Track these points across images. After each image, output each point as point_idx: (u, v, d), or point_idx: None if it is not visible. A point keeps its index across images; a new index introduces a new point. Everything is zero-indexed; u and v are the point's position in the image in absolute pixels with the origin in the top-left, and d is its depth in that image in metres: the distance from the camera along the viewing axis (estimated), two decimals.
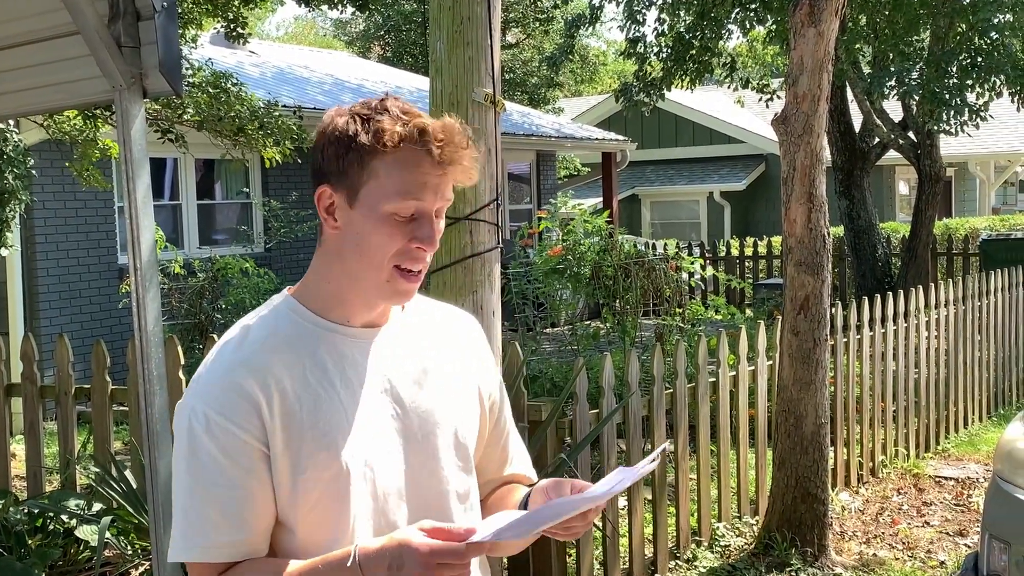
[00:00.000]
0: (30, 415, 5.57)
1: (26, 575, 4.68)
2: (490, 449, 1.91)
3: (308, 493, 1.65)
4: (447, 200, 1.70)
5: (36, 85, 4.02)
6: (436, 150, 1.65)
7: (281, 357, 1.68)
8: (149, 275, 3.66)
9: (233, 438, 1.63)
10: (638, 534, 5.07)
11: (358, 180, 1.67)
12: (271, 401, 1.64)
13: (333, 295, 1.73)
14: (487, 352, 1.93)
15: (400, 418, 1.73)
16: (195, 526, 1.64)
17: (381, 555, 1.54)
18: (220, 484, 1.63)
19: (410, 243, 1.67)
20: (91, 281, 10.34)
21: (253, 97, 7.36)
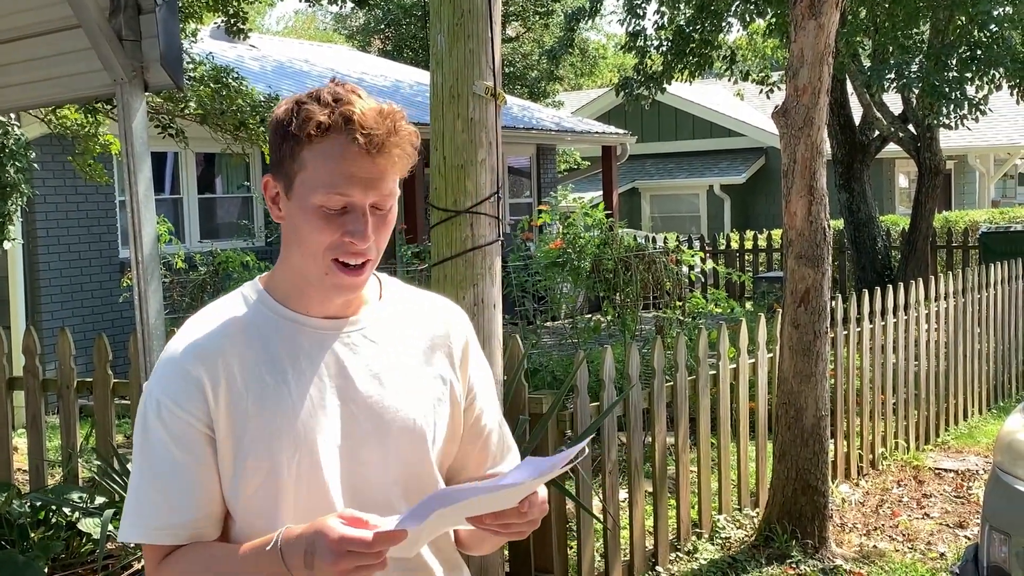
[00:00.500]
0: (32, 408, 5.57)
1: (29, 568, 4.68)
2: (468, 447, 1.83)
3: (248, 480, 1.64)
4: (386, 194, 1.64)
5: (38, 79, 4.02)
6: (362, 139, 1.59)
7: (233, 343, 1.67)
8: (151, 269, 3.66)
9: (180, 422, 1.63)
10: (639, 526, 5.07)
11: (291, 170, 1.64)
12: (217, 387, 1.64)
13: (291, 285, 1.71)
14: (469, 348, 1.84)
15: (351, 412, 1.68)
16: (142, 507, 1.65)
17: (299, 540, 1.54)
18: (166, 467, 1.64)
19: (342, 237, 1.62)
20: (93, 275, 10.34)
21: (254, 91, 7.36)
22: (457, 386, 1.80)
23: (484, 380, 1.87)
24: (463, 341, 1.83)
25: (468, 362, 1.83)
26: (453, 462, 1.83)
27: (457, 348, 1.82)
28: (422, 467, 1.73)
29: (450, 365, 1.80)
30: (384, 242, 1.68)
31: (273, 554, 1.56)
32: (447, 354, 1.80)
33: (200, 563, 1.64)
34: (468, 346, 1.84)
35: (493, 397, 1.90)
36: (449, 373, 1.79)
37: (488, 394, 1.87)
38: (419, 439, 1.72)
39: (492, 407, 1.88)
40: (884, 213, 18.23)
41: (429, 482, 1.74)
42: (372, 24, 30.19)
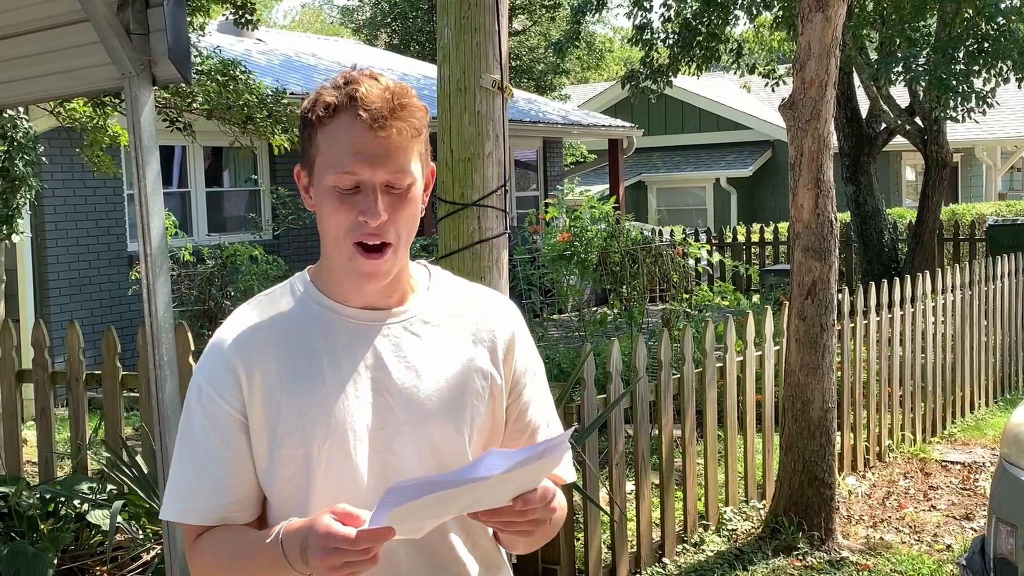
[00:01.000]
0: (41, 401, 5.58)
1: (39, 559, 4.70)
2: (512, 442, 1.79)
3: (282, 468, 1.66)
4: (397, 171, 1.63)
5: (45, 72, 4.02)
6: (365, 115, 1.60)
7: (272, 334, 1.70)
8: (159, 262, 3.66)
9: (217, 408, 1.68)
10: (646, 518, 5.07)
11: (312, 155, 1.67)
12: (252, 377, 1.66)
13: (330, 274, 1.73)
14: (515, 342, 1.81)
15: (387, 403, 1.68)
16: (178, 488, 1.71)
17: (297, 535, 1.56)
18: (203, 452, 1.68)
19: (357, 217, 1.63)
20: (101, 268, 10.36)
21: (261, 85, 7.36)
22: (499, 380, 1.77)
23: (532, 375, 1.83)
24: (508, 334, 1.80)
25: (513, 356, 1.80)
26: None
27: (501, 341, 1.79)
28: (456, 460, 1.71)
29: (492, 358, 1.77)
30: (404, 224, 1.66)
31: (274, 546, 1.58)
32: (490, 347, 1.77)
33: (223, 547, 1.68)
34: (514, 339, 1.81)
35: (543, 393, 1.85)
36: (491, 367, 1.76)
37: (536, 389, 1.83)
38: (454, 431, 1.71)
39: (540, 402, 1.84)
40: (891, 206, 18.19)
41: None
42: (379, 18, 30.18)
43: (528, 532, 1.63)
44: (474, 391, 1.74)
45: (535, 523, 1.61)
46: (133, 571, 4.84)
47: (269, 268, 10.22)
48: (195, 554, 1.71)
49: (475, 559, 1.75)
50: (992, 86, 11.88)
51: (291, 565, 1.56)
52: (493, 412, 1.76)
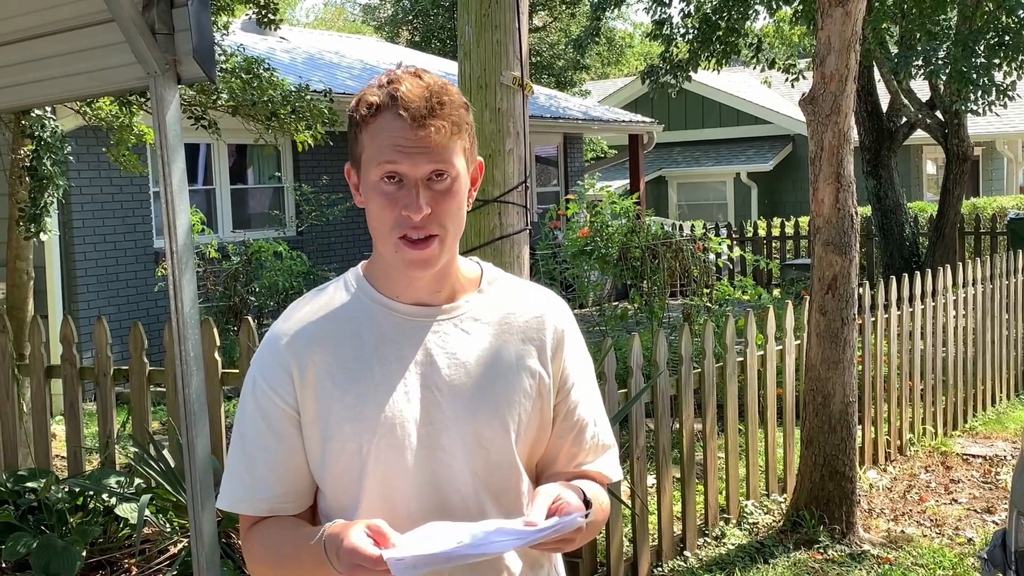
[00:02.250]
0: (70, 396, 5.62)
1: (68, 552, 4.73)
2: (559, 440, 1.79)
3: (334, 461, 1.69)
4: (439, 164, 1.65)
5: (72, 72, 4.04)
6: (405, 113, 1.62)
7: (324, 329, 1.72)
8: (185, 258, 3.68)
9: (270, 401, 1.70)
10: (667, 512, 5.07)
11: (358, 154, 1.70)
12: (304, 372, 1.69)
13: (380, 270, 1.75)
14: (564, 341, 1.81)
15: (435, 399, 1.69)
16: (231, 479, 1.74)
17: (334, 540, 1.58)
18: (255, 444, 1.72)
19: (401, 212, 1.64)
20: (128, 265, 10.42)
21: (285, 82, 7.37)
22: (547, 378, 1.77)
23: (580, 373, 1.83)
24: (558, 333, 1.80)
25: (562, 354, 1.80)
26: (544, 454, 1.80)
27: (550, 340, 1.79)
28: (504, 458, 1.72)
29: (541, 357, 1.77)
30: (449, 218, 1.67)
31: (318, 548, 1.60)
32: (539, 346, 1.77)
33: (273, 540, 1.71)
34: (563, 338, 1.81)
35: (591, 391, 1.85)
36: (539, 365, 1.76)
37: (584, 388, 1.83)
38: (501, 429, 1.71)
39: (588, 401, 1.83)
40: (911, 200, 18.08)
41: (512, 474, 1.73)
42: (400, 15, 30.20)
43: (559, 550, 1.66)
44: (522, 389, 1.74)
45: (564, 542, 1.62)
46: (160, 564, 4.87)
47: (293, 264, 10.25)
48: (248, 544, 1.75)
49: (518, 555, 1.75)
50: (1013, 79, 11.79)
51: (334, 567, 1.59)
52: (541, 410, 1.76)
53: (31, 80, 4.16)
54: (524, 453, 1.76)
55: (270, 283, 10.02)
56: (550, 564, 1.84)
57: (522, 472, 1.75)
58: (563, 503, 1.60)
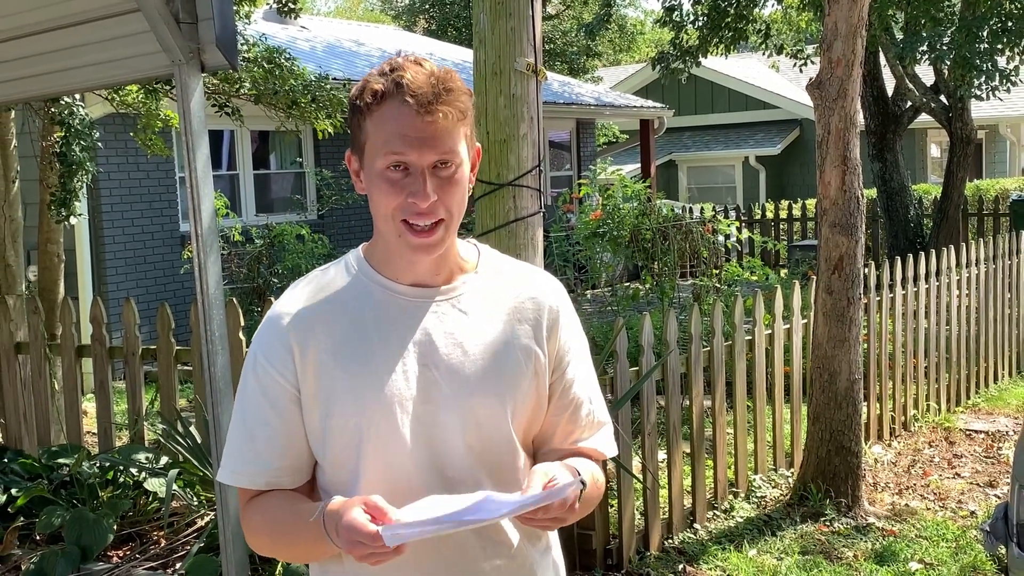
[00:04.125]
0: (100, 374, 5.65)
1: (99, 525, 4.77)
2: (555, 418, 1.79)
3: (334, 438, 1.68)
4: (445, 152, 1.63)
5: (99, 61, 4.04)
6: (412, 101, 1.60)
7: (325, 309, 1.71)
8: (210, 241, 3.68)
9: (270, 378, 1.69)
10: (677, 486, 5.07)
11: (361, 141, 1.68)
12: (305, 349, 1.68)
13: (382, 253, 1.74)
14: (559, 320, 1.79)
15: (433, 378, 1.68)
16: (231, 453, 1.74)
17: (334, 516, 1.57)
18: (254, 419, 1.71)
19: (406, 199, 1.63)
20: (155, 248, 10.46)
21: (305, 71, 7.36)
22: (543, 357, 1.76)
23: (576, 352, 1.82)
24: (553, 312, 1.79)
25: (557, 333, 1.79)
26: (539, 432, 1.80)
27: (545, 319, 1.77)
28: (500, 434, 1.72)
29: (536, 336, 1.76)
30: (454, 203, 1.66)
31: (317, 524, 1.60)
32: (534, 325, 1.76)
33: (273, 513, 1.70)
34: (558, 317, 1.79)
35: (587, 370, 1.84)
36: (534, 344, 1.75)
37: (580, 367, 1.82)
38: (498, 406, 1.71)
39: (584, 379, 1.82)
40: (916, 182, 17.98)
41: (508, 449, 1.73)
42: (417, 4, 30.12)
43: (549, 527, 1.65)
44: (518, 368, 1.73)
45: (556, 521, 1.61)
46: (188, 536, 4.91)
47: (314, 247, 10.28)
48: (247, 516, 1.74)
49: (516, 528, 1.75)
50: (1016, 64, 11.69)
51: (333, 542, 1.58)
52: (537, 388, 1.76)
53: (60, 68, 4.17)
54: (520, 430, 1.75)
55: (292, 265, 10.04)
56: (547, 538, 1.83)
57: (518, 448, 1.75)
58: (557, 482, 1.59)
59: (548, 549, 1.84)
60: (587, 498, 1.70)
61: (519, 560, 1.75)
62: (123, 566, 4.68)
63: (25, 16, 4.06)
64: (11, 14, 4.11)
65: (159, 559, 4.78)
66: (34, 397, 5.89)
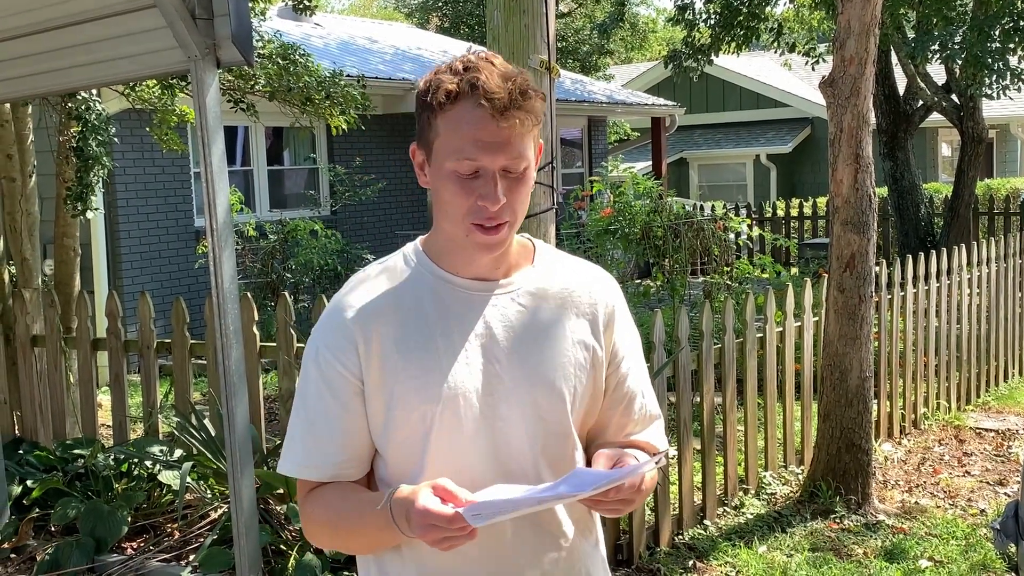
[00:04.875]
0: (115, 368, 5.66)
1: (113, 517, 4.78)
2: (610, 411, 1.80)
3: (397, 430, 1.68)
4: (515, 157, 1.62)
5: (116, 56, 4.05)
6: (487, 104, 1.58)
7: (387, 301, 1.70)
8: (224, 236, 3.68)
9: (333, 371, 1.69)
10: (688, 482, 5.06)
11: (430, 138, 1.65)
12: (369, 342, 1.67)
13: (442, 247, 1.73)
14: (615, 315, 1.81)
15: (495, 371, 1.68)
16: (293, 444, 1.73)
17: (403, 504, 1.57)
18: (317, 411, 1.70)
19: (476, 201, 1.62)
20: (170, 242, 10.48)
21: (319, 68, 7.36)
22: (600, 351, 1.77)
23: (630, 346, 1.83)
24: (609, 307, 1.80)
25: (613, 328, 1.80)
26: (594, 425, 1.81)
27: (602, 314, 1.78)
28: (560, 427, 1.72)
29: (594, 330, 1.77)
30: (520, 204, 1.66)
31: (384, 513, 1.60)
32: (591, 320, 1.77)
33: (335, 504, 1.70)
34: (614, 312, 1.80)
35: (639, 364, 1.85)
36: (592, 338, 1.76)
37: (633, 360, 1.83)
38: (559, 400, 1.71)
39: (637, 373, 1.83)
40: (927, 181, 17.91)
41: (567, 442, 1.73)
42: (430, 2, 30.10)
43: (616, 511, 1.66)
44: (577, 361, 1.74)
45: (624, 503, 1.62)
46: (201, 528, 4.91)
47: (328, 242, 10.28)
48: (307, 508, 1.74)
49: (571, 521, 1.76)
50: None
51: (400, 531, 1.59)
52: (594, 382, 1.76)
53: (77, 64, 4.17)
54: (578, 423, 1.76)
55: (306, 260, 10.05)
56: (597, 532, 1.85)
57: (576, 441, 1.76)
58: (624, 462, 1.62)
59: (597, 544, 1.85)
60: (645, 489, 1.71)
61: (574, 555, 1.77)
62: (137, 558, 4.69)
63: (43, 12, 4.07)
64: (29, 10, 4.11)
65: (173, 551, 4.79)
66: (50, 390, 5.91)
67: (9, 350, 6.10)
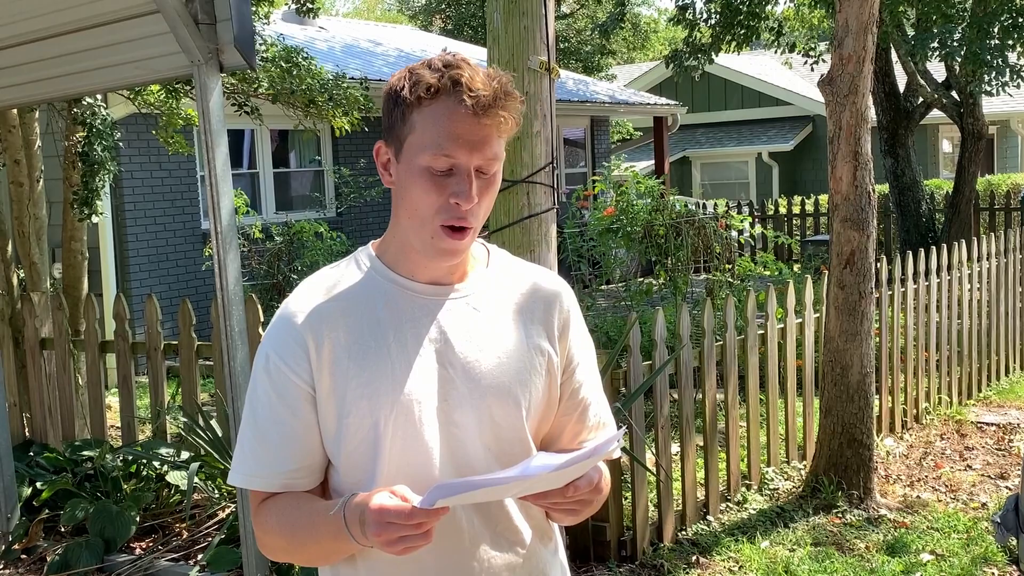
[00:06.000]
0: (123, 370, 5.68)
1: (121, 517, 4.80)
2: (564, 418, 1.76)
3: (350, 437, 1.63)
4: (490, 157, 1.59)
5: (120, 62, 4.06)
6: (470, 101, 1.54)
7: (339, 306, 1.66)
8: (229, 239, 3.69)
9: (284, 378, 1.64)
10: (690, 478, 5.06)
11: (402, 134, 1.61)
12: (320, 349, 1.63)
13: (399, 249, 1.69)
14: (570, 321, 1.77)
15: (449, 376, 1.65)
16: (243, 454, 1.67)
17: (357, 508, 1.54)
18: (268, 419, 1.65)
19: (449, 199, 1.58)
20: (176, 245, 10.50)
21: (323, 70, 7.37)
22: (555, 358, 1.73)
23: (584, 354, 1.80)
24: (564, 314, 1.76)
25: (568, 335, 1.77)
26: (549, 432, 1.77)
27: (558, 321, 1.75)
28: (515, 433, 1.68)
29: (549, 337, 1.73)
30: (485, 209, 1.63)
31: (337, 519, 1.56)
32: (547, 326, 1.73)
33: (288, 514, 1.65)
34: (569, 319, 1.77)
35: (593, 371, 1.82)
36: (548, 344, 1.72)
37: (587, 368, 1.80)
38: (513, 406, 1.68)
39: (591, 381, 1.80)
40: (928, 177, 17.88)
41: (522, 448, 1.69)
42: (433, 4, 30.12)
43: (575, 512, 1.63)
44: (532, 367, 1.70)
45: (582, 503, 1.61)
46: (209, 527, 4.92)
47: (333, 244, 10.30)
48: (260, 518, 1.69)
49: (530, 528, 1.73)
50: None
51: (353, 538, 1.55)
52: (549, 388, 1.73)
53: (82, 69, 4.19)
54: (533, 429, 1.72)
55: (311, 262, 10.06)
56: (556, 539, 1.82)
57: (532, 447, 1.72)
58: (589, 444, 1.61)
59: (556, 550, 1.82)
60: (599, 495, 1.68)
61: (532, 560, 1.74)
62: (146, 557, 4.71)
63: (47, 18, 4.08)
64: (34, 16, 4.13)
65: (181, 550, 4.80)
66: (59, 392, 5.93)
67: (18, 353, 6.12)
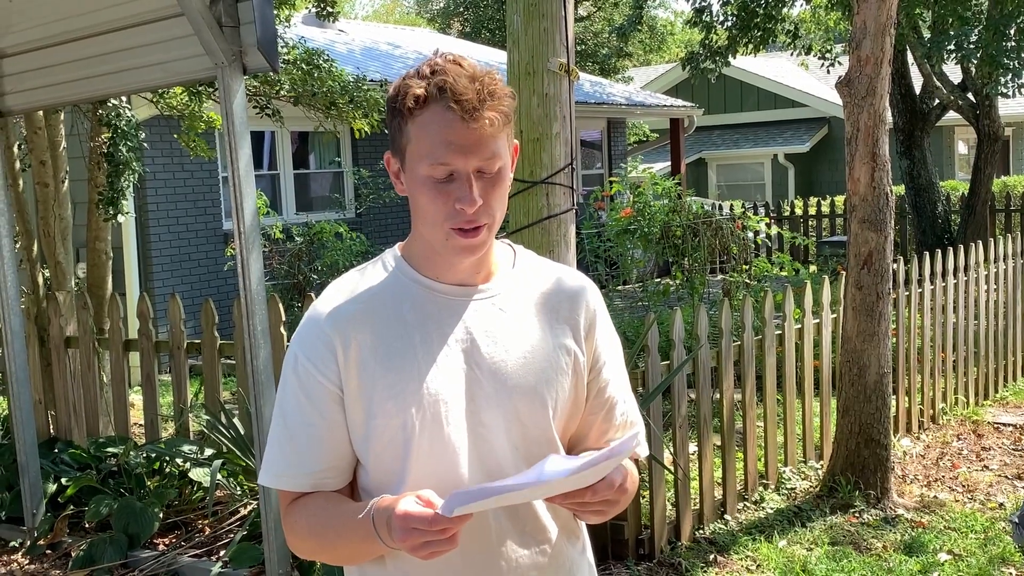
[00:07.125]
0: (146, 368, 5.70)
1: (145, 513, 4.81)
2: (591, 417, 1.75)
3: (378, 438, 1.63)
4: (488, 157, 1.58)
5: (145, 64, 4.07)
6: (456, 106, 1.54)
7: (366, 308, 1.65)
8: (252, 239, 3.70)
9: (312, 379, 1.64)
10: (708, 478, 5.04)
11: (403, 145, 1.62)
12: (348, 349, 1.62)
13: (421, 252, 1.69)
14: (596, 321, 1.76)
15: (475, 376, 1.64)
16: (273, 455, 1.68)
17: (384, 512, 1.53)
18: (297, 420, 1.65)
19: (453, 205, 1.57)
20: (199, 245, 10.54)
21: (343, 73, 7.37)
22: (581, 357, 1.72)
23: (611, 353, 1.78)
24: (590, 313, 1.75)
25: (594, 334, 1.75)
26: (576, 431, 1.76)
27: (583, 320, 1.73)
28: (542, 433, 1.67)
29: (575, 336, 1.72)
30: (497, 204, 1.62)
31: (366, 522, 1.56)
32: (573, 325, 1.72)
33: (318, 514, 1.65)
34: (595, 318, 1.76)
35: (620, 370, 1.80)
36: (574, 344, 1.71)
37: (614, 367, 1.78)
38: (540, 405, 1.67)
39: (618, 380, 1.78)
40: (944, 179, 17.79)
41: (549, 448, 1.68)
42: (452, 7, 30.15)
43: (601, 512, 1.62)
44: (559, 367, 1.69)
45: (607, 504, 1.59)
46: (231, 524, 4.94)
47: (353, 244, 10.32)
48: (289, 519, 1.69)
49: (557, 527, 1.72)
50: None
51: (382, 540, 1.55)
52: (575, 388, 1.72)
53: (108, 71, 4.21)
54: (560, 429, 1.71)
55: (331, 262, 10.08)
56: (583, 538, 1.81)
57: (559, 447, 1.71)
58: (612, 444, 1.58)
59: (584, 550, 1.81)
60: (626, 493, 1.67)
61: (559, 559, 1.73)
62: (169, 553, 4.72)
63: (73, 21, 4.10)
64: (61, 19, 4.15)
65: (203, 546, 4.81)
66: (83, 390, 5.96)
67: (43, 351, 6.16)
